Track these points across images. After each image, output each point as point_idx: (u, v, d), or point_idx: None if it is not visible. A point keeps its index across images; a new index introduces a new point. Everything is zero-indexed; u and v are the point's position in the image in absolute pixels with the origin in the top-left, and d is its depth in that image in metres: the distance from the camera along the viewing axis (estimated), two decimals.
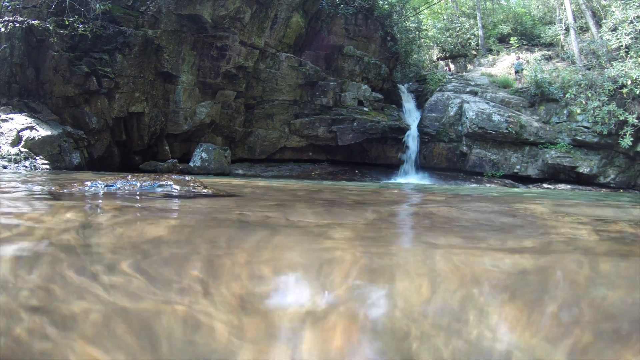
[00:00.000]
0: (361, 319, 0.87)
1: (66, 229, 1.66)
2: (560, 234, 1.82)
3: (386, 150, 15.29)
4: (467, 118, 14.61)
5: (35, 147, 8.74)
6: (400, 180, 14.06)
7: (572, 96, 14.27)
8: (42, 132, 9.02)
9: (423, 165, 15.19)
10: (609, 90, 13.64)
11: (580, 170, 13.75)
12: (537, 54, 19.03)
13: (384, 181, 13.21)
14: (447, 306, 0.90)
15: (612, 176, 13.83)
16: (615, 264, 1.21)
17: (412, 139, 15.38)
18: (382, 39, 16.98)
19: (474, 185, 13.16)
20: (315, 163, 14.90)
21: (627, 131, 13.10)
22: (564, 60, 17.56)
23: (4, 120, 8.99)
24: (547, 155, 13.99)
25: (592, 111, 13.78)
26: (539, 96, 14.95)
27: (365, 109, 15.00)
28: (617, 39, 14.30)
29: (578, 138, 14.05)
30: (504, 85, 16.40)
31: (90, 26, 10.50)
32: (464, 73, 20.51)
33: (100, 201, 2.57)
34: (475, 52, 22.81)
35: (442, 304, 0.91)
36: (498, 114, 14.39)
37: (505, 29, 22.26)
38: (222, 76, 12.93)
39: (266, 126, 14.45)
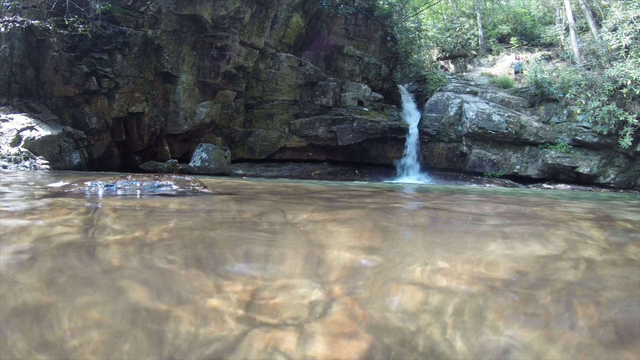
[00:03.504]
0: None
1: (68, 230, 1.66)
2: None
3: (386, 150, 15.29)
4: (467, 118, 14.61)
5: (35, 147, 8.74)
6: (400, 180, 14.06)
7: (572, 96, 14.27)
8: (42, 132, 9.02)
9: (423, 165, 15.18)
10: (609, 90, 13.64)
11: (580, 170, 13.75)
12: (537, 54, 19.02)
13: (384, 181, 13.21)
14: None
15: (612, 176, 13.83)
16: None
17: (412, 139, 15.38)
18: (382, 39, 16.97)
19: (474, 185, 13.16)
20: (315, 163, 14.90)
21: (627, 131, 13.10)
22: (564, 60, 17.55)
23: (4, 120, 8.99)
24: (547, 155, 13.99)
25: (592, 111, 13.78)
26: (539, 96, 14.94)
27: (365, 109, 14.99)
28: (617, 39, 14.30)
29: (578, 138, 14.05)
30: (504, 85, 16.39)
31: (90, 26, 10.50)
32: (464, 73, 20.50)
33: (100, 201, 2.57)
34: (475, 52, 22.80)
35: None
36: (498, 114, 14.39)
37: (505, 29, 22.25)
38: (222, 76, 12.93)
39: (266, 126, 14.44)
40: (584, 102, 14.01)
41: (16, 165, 7.97)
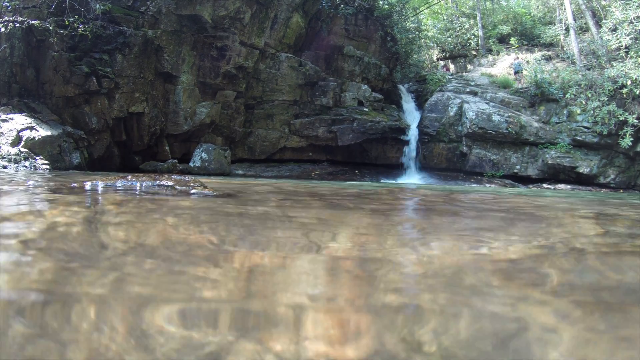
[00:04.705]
0: None
1: (71, 230, 1.66)
2: None
3: (386, 151, 15.29)
4: (467, 118, 14.61)
5: (35, 147, 8.74)
6: (400, 180, 14.06)
7: (572, 96, 14.27)
8: (42, 132, 9.02)
9: (423, 165, 15.18)
10: (609, 90, 13.64)
11: (580, 171, 13.75)
12: (537, 54, 19.02)
13: (384, 181, 13.21)
14: None
15: (612, 176, 13.83)
16: None
17: (412, 139, 15.38)
18: (382, 39, 16.97)
19: (474, 185, 13.16)
20: (315, 163, 14.89)
21: (627, 131, 13.10)
22: (564, 60, 17.55)
23: (4, 120, 8.99)
24: (547, 156, 13.99)
25: (592, 111, 13.78)
26: (539, 96, 14.94)
27: (365, 109, 14.99)
28: (617, 39, 14.30)
29: (578, 138, 14.05)
30: (504, 85, 16.39)
31: (90, 26, 10.50)
32: (464, 73, 20.50)
33: (100, 202, 2.57)
34: (475, 53, 22.80)
35: None
36: (498, 114, 14.39)
37: (505, 29, 22.24)
38: (222, 76, 12.92)
39: (266, 126, 14.44)
40: (584, 102, 14.01)
41: (16, 165, 7.97)
